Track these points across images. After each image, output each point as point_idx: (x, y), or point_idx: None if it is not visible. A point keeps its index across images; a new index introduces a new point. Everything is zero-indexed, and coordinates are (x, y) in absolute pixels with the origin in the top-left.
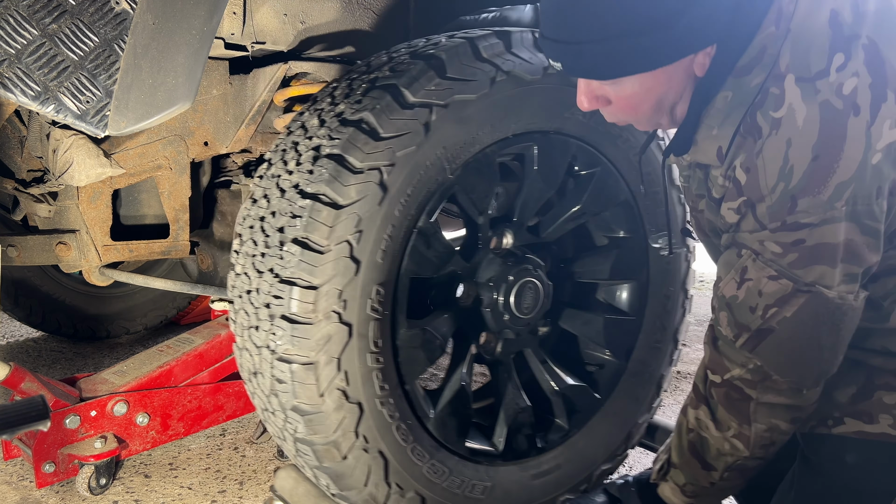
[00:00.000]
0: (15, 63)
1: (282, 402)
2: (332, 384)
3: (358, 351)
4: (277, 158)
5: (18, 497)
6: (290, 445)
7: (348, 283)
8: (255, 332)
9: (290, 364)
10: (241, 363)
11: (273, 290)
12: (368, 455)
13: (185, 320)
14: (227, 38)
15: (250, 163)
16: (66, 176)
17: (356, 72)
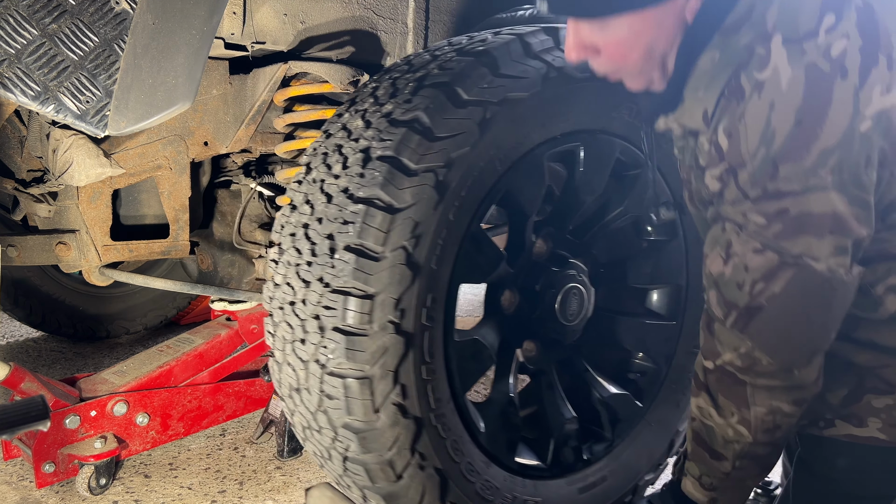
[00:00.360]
0: (15, 63)
1: (331, 419)
2: (388, 399)
3: (414, 363)
4: (319, 162)
5: (18, 497)
6: (336, 465)
7: (405, 291)
8: (301, 345)
9: (342, 379)
10: (279, 378)
11: (323, 301)
12: (424, 474)
13: (185, 320)
14: (227, 37)
15: (250, 163)
16: (66, 176)
17: (396, 71)
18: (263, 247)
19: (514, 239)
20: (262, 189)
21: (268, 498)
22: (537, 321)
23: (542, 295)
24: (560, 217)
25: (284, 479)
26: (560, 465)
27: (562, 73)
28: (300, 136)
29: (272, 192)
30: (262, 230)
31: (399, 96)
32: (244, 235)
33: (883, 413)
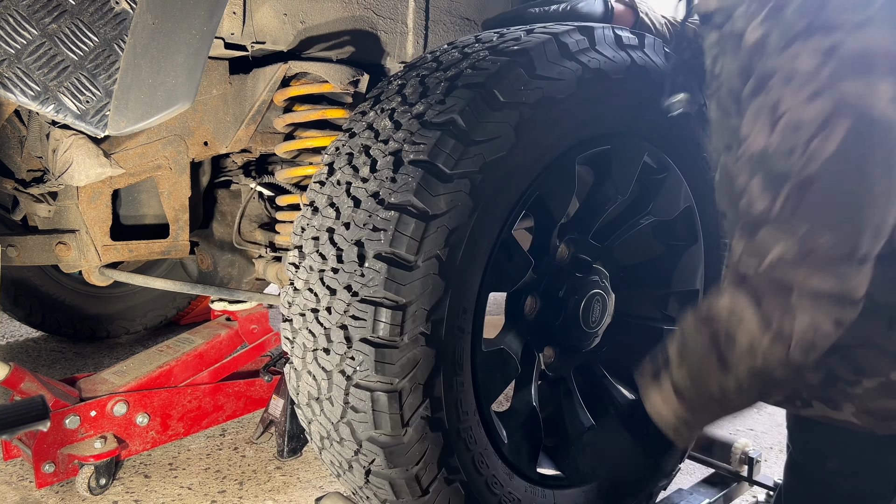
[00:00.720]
0: (15, 63)
1: (355, 431)
2: (417, 413)
3: (444, 375)
4: (343, 163)
5: (18, 497)
6: (356, 477)
7: (437, 302)
8: (325, 354)
9: (370, 392)
10: (296, 386)
11: (351, 311)
12: (450, 488)
13: (185, 320)
14: (226, 37)
15: (250, 163)
16: (66, 176)
17: (423, 68)
18: (263, 247)
19: (539, 244)
20: (262, 189)
21: (268, 498)
22: (559, 327)
23: (565, 301)
24: (584, 221)
25: (284, 479)
26: (578, 474)
27: (597, 74)
28: (300, 136)
29: (272, 192)
30: (262, 230)
31: (431, 96)
32: (244, 235)
33: (856, 399)
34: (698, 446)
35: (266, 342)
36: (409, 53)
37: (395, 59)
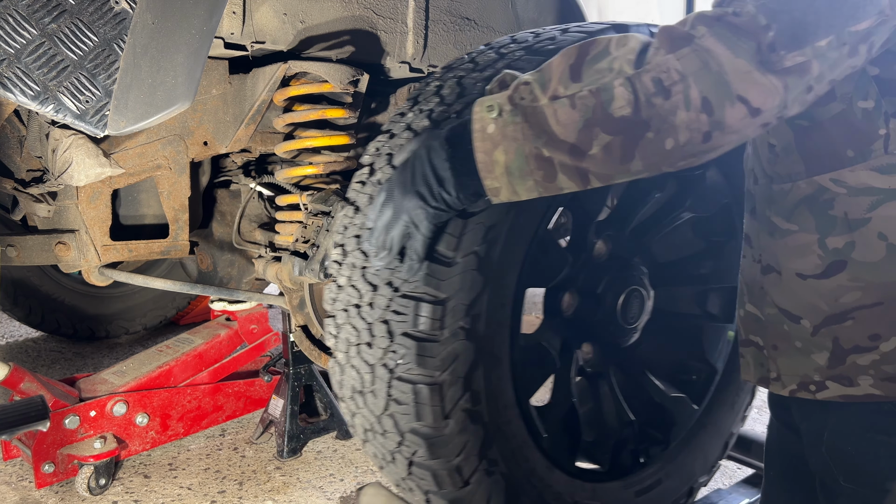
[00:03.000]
0: (14, 62)
1: (398, 423)
2: (457, 405)
3: (483, 369)
4: (383, 163)
5: (18, 497)
6: (399, 468)
7: (476, 297)
8: (368, 349)
9: (412, 384)
10: (340, 380)
11: (393, 306)
12: (490, 480)
13: (185, 320)
14: (226, 37)
15: (250, 162)
16: (66, 176)
17: (460, 69)
18: (263, 247)
19: (577, 240)
20: (262, 189)
21: (267, 498)
22: (597, 324)
23: (603, 297)
24: (621, 218)
25: (284, 479)
26: (617, 468)
27: None
28: (300, 135)
29: (272, 192)
30: (262, 230)
31: (468, 97)
32: (244, 235)
33: (872, 368)
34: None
35: (266, 342)
36: (408, 53)
37: (394, 59)
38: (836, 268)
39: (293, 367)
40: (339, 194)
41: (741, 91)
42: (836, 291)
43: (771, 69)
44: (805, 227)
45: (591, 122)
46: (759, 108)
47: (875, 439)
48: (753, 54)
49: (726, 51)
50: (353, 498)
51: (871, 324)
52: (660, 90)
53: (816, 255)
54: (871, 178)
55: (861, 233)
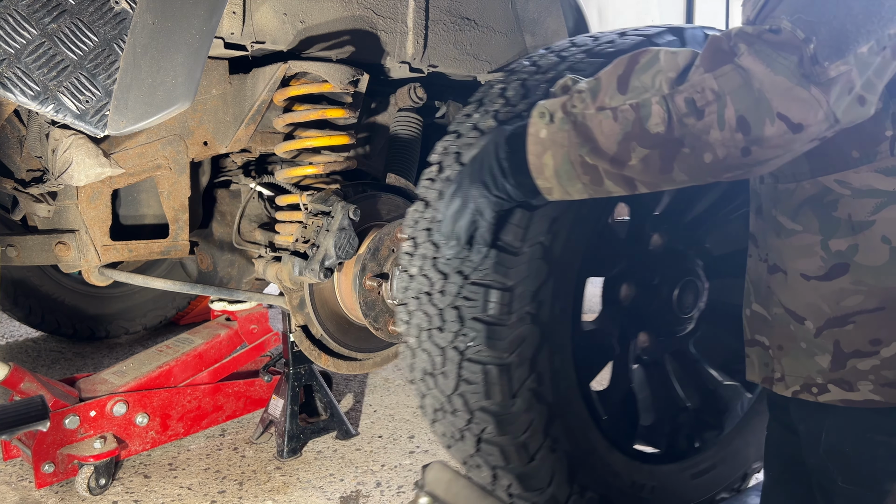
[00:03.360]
0: (14, 62)
1: (468, 402)
2: (524, 385)
3: (548, 352)
4: (451, 161)
5: (18, 497)
6: (468, 445)
7: (541, 284)
8: (439, 333)
9: (482, 365)
10: (412, 363)
11: (464, 293)
12: (554, 456)
13: (185, 320)
14: (226, 37)
15: (250, 162)
16: (66, 175)
17: (522, 72)
18: (263, 247)
19: (635, 233)
20: (262, 189)
21: (267, 498)
22: (653, 313)
23: (658, 288)
24: (677, 212)
25: (284, 479)
26: (674, 452)
27: None
28: (300, 135)
29: (272, 192)
30: (262, 230)
31: (531, 97)
32: (244, 235)
33: (871, 374)
34: None
35: (266, 342)
36: (408, 53)
37: (395, 59)
38: (839, 270)
39: (293, 367)
40: (339, 194)
41: (781, 108)
42: (838, 294)
43: (815, 81)
44: (809, 227)
45: (630, 136)
46: (801, 124)
47: (874, 440)
48: (795, 69)
49: (765, 69)
50: (353, 498)
51: (872, 328)
52: (692, 110)
53: (819, 256)
54: (876, 181)
55: (864, 235)
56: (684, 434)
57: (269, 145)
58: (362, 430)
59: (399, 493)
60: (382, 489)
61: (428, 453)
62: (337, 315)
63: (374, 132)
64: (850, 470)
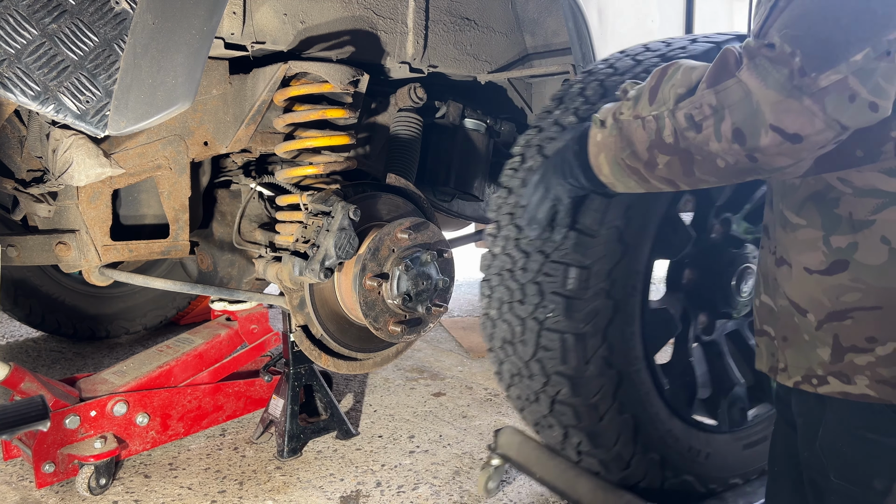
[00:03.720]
0: (15, 63)
1: (545, 367)
2: (597, 353)
3: (619, 325)
4: (534, 153)
5: (18, 497)
6: (542, 406)
7: (615, 264)
8: (520, 305)
9: (560, 334)
10: (490, 333)
11: (545, 269)
12: (621, 418)
13: (185, 320)
14: (226, 37)
15: (250, 163)
16: (66, 176)
17: (599, 73)
18: (263, 247)
19: (699, 221)
20: (262, 189)
21: (268, 498)
22: (712, 296)
23: (718, 272)
24: (737, 203)
25: (284, 479)
26: (728, 423)
27: None
28: (300, 135)
29: (272, 192)
30: (262, 230)
31: (610, 97)
32: (244, 235)
33: (869, 370)
34: None
35: (266, 342)
36: (408, 53)
37: (395, 59)
38: (839, 266)
39: (293, 367)
40: (340, 194)
41: (773, 121)
42: (838, 289)
43: (806, 92)
44: (812, 222)
45: (654, 144)
46: (798, 134)
47: (867, 438)
48: (785, 82)
49: (759, 83)
50: (353, 497)
51: (869, 326)
52: (691, 125)
53: (821, 251)
54: (878, 181)
55: (864, 234)
56: (738, 408)
57: (269, 145)
58: (362, 430)
59: (399, 493)
60: (382, 489)
61: (428, 453)
62: (337, 315)
63: (374, 132)
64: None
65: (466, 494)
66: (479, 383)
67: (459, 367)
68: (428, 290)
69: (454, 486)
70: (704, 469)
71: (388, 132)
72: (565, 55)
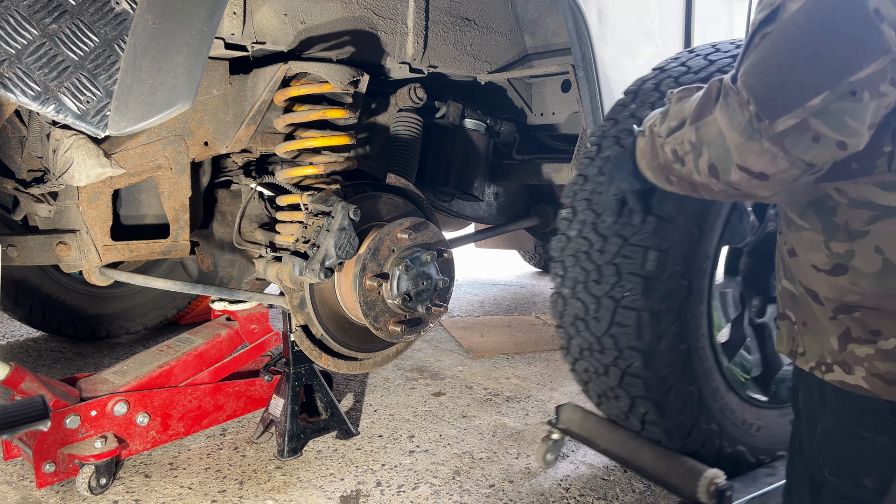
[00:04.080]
0: (15, 63)
1: (618, 342)
2: (669, 330)
3: (691, 304)
4: (611, 143)
5: (18, 497)
6: (611, 379)
7: (691, 248)
8: (596, 284)
9: (636, 311)
10: (561, 311)
11: (623, 252)
12: (687, 391)
13: (185, 320)
14: (227, 38)
15: (250, 163)
16: (67, 176)
17: (673, 71)
18: (263, 247)
19: (758, 213)
20: (263, 189)
21: (268, 497)
22: (767, 282)
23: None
24: None
25: (284, 478)
26: (777, 400)
27: None
28: (300, 136)
29: (272, 192)
30: (263, 230)
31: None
32: (244, 235)
33: (865, 362)
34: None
35: (266, 342)
36: (408, 54)
37: (395, 60)
38: (840, 270)
39: (293, 367)
40: (340, 194)
41: (739, 160)
42: (842, 289)
43: (765, 136)
44: (814, 227)
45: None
46: (763, 173)
47: (860, 436)
48: (746, 125)
49: (727, 123)
50: (353, 497)
51: (873, 322)
52: (676, 159)
53: (825, 253)
54: (872, 193)
55: (860, 244)
56: (787, 386)
57: (269, 145)
58: (362, 430)
59: (399, 493)
60: (383, 488)
61: (428, 453)
62: (337, 315)
63: (374, 132)
64: (837, 463)
65: (466, 494)
66: (479, 383)
67: (459, 367)
68: (428, 290)
69: (454, 485)
70: (755, 441)
71: (388, 132)
72: (565, 55)
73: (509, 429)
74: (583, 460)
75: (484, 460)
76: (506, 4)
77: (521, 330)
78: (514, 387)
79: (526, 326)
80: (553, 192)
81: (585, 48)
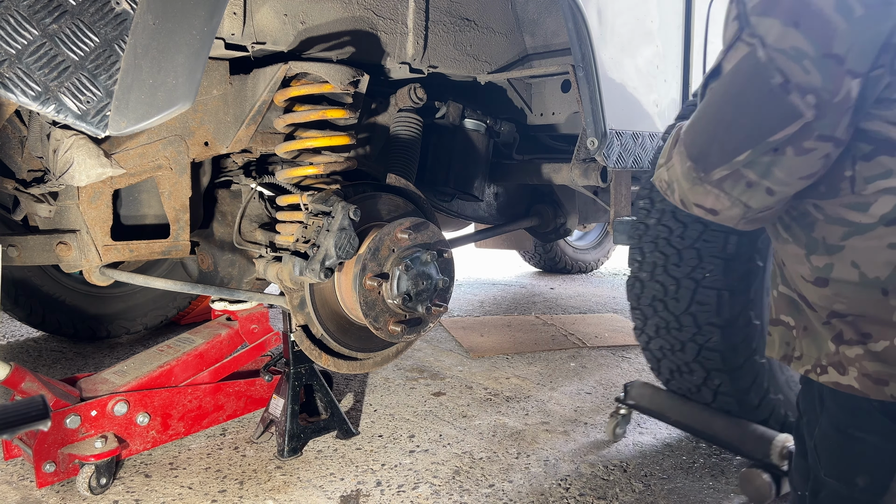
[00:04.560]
0: (15, 63)
1: (698, 319)
2: (744, 307)
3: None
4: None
5: (19, 497)
6: (688, 354)
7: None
8: (676, 267)
9: (717, 290)
10: (639, 294)
11: (704, 237)
12: (756, 365)
13: (186, 320)
14: (227, 38)
15: (250, 163)
16: (67, 176)
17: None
18: (264, 247)
19: None
20: (263, 189)
21: (268, 497)
22: None
23: None
24: None
25: (284, 478)
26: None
27: None
28: (300, 136)
29: (272, 193)
30: (263, 230)
31: None
32: (244, 235)
33: (857, 363)
34: None
35: (266, 342)
36: (408, 54)
37: (395, 60)
38: (822, 282)
39: (294, 367)
40: (340, 194)
41: (693, 199)
42: (828, 299)
43: (706, 181)
44: (797, 241)
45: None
46: (714, 210)
47: (854, 436)
48: (688, 173)
49: (679, 168)
50: (353, 497)
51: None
52: (663, 191)
53: (807, 266)
54: (844, 212)
55: (837, 257)
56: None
57: (269, 146)
58: (362, 430)
59: (399, 492)
60: (383, 488)
61: (428, 452)
62: (337, 315)
63: (375, 132)
64: (832, 463)
65: (466, 494)
66: (479, 383)
67: (459, 366)
68: (428, 290)
69: (454, 485)
70: None
71: (388, 132)
72: (565, 55)
73: (509, 429)
74: (583, 460)
75: (484, 460)
76: (506, 4)
77: (520, 330)
78: (513, 387)
79: (526, 326)
80: (553, 192)
81: (585, 48)
